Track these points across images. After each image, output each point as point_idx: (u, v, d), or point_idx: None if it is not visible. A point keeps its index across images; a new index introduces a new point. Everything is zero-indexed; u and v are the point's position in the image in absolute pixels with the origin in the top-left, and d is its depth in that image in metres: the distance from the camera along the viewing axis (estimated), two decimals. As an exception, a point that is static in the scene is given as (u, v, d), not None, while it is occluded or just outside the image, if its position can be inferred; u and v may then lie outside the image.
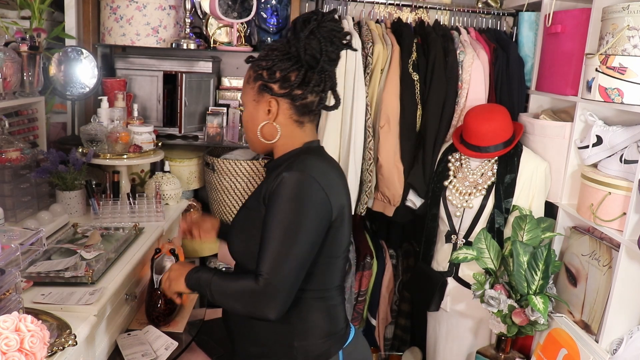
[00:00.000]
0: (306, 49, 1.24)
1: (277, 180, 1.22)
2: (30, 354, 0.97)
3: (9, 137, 1.87)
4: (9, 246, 1.12)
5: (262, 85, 1.29)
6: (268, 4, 2.45)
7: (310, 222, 1.21)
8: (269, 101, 1.30)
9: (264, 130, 1.32)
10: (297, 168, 1.23)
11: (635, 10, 1.67)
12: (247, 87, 1.34)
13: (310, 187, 1.21)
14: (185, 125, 2.55)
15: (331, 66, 1.30)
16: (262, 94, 1.30)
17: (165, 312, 1.67)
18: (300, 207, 1.20)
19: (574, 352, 1.82)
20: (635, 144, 1.77)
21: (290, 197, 1.20)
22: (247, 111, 1.35)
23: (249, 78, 1.34)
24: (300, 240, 1.20)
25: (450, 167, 2.20)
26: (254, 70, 1.31)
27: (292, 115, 1.31)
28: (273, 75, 1.28)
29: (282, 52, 1.27)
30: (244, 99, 1.36)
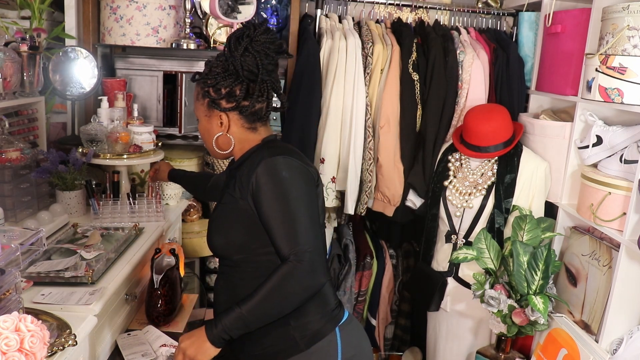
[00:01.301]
0: (243, 65, 1.30)
1: (252, 175, 1.28)
2: (30, 354, 0.97)
3: (9, 137, 1.87)
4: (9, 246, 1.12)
5: (210, 102, 1.36)
6: (268, 4, 2.45)
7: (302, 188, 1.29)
8: (219, 115, 1.37)
9: (219, 141, 1.40)
10: (267, 155, 1.29)
11: (635, 10, 1.67)
12: (197, 103, 1.41)
13: (285, 162, 1.29)
14: (185, 125, 2.55)
15: (270, 76, 1.35)
16: (212, 109, 1.37)
17: (165, 312, 1.67)
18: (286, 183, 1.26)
19: (574, 352, 1.82)
20: (635, 144, 1.77)
21: (273, 181, 1.26)
22: (201, 125, 1.43)
23: (197, 95, 1.40)
24: (301, 206, 1.26)
25: (450, 167, 2.20)
26: (201, 87, 1.37)
27: (243, 124, 1.38)
28: (219, 91, 1.34)
29: (222, 69, 1.33)
30: (196, 113, 1.43)
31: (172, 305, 1.70)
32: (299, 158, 1.35)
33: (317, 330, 1.33)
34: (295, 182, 1.28)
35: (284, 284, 1.22)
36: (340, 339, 1.35)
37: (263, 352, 1.35)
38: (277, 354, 1.33)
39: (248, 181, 1.29)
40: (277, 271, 1.23)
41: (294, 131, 2.30)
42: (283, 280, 1.22)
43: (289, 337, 1.32)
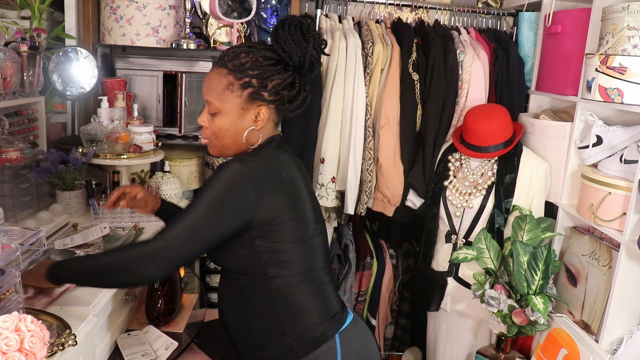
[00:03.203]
0: (292, 55, 1.25)
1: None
2: (30, 354, 0.97)
3: (9, 137, 1.87)
4: (9, 246, 1.12)
5: (254, 92, 1.26)
6: (268, 4, 2.45)
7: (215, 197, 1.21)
8: (259, 108, 1.28)
9: (249, 136, 1.31)
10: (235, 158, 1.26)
11: (635, 10, 1.67)
12: (230, 95, 1.27)
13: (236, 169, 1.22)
14: (185, 125, 2.55)
15: (312, 72, 1.31)
16: (252, 102, 1.28)
17: (165, 312, 1.67)
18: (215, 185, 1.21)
19: (574, 352, 1.82)
20: (635, 144, 1.77)
21: (212, 177, 1.22)
22: (227, 118, 1.29)
23: (230, 85, 1.26)
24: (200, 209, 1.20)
25: (450, 167, 2.20)
26: (238, 77, 1.26)
27: (274, 118, 1.33)
28: (264, 82, 1.26)
29: (268, 58, 1.26)
30: (222, 107, 1.28)
31: (172, 305, 1.70)
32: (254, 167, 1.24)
33: (316, 337, 1.30)
34: (224, 190, 1.20)
35: (132, 255, 1.19)
36: (339, 345, 1.31)
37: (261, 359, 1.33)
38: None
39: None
40: (137, 245, 1.21)
41: (293, 131, 2.30)
42: (134, 250, 1.20)
43: (286, 344, 1.30)
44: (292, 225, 1.28)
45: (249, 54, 1.26)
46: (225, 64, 1.27)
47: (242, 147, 1.32)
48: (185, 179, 2.64)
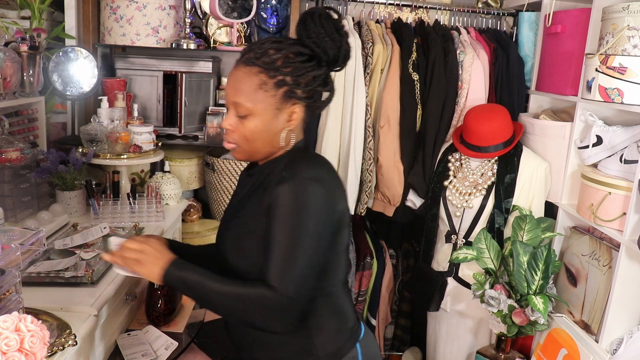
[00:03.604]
0: (327, 50, 1.17)
1: (276, 191, 1.14)
2: (30, 354, 0.97)
3: (9, 137, 1.87)
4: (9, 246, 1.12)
5: (289, 91, 1.17)
6: (268, 4, 2.45)
7: (316, 229, 1.14)
8: (294, 107, 1.20)
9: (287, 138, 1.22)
10: (301, 173, 1.16)
11: (635, 10, 1.67)
12: (264, 95, 1.17)
13: (310, 196, 1.14)
14: (185, 125, 2.55)
15: (342, 67, 1.24)
16: (287, 100, 1.19)
17: (165, 312, 1.67)
18: (305, 217, 1.13)
19: (574, 352, 1.82)
20: (635, 144, 1.77)
21: (302, 209, 1.12)
22: (261, 120, 1.19)
23: (262, 84, 1.17)
24: (307, 249, 1.13)
25: (450, 167, 2.20)
26: (271, 75, 1.16)
27: (304, 118, 1.24)
28: (297, 79, 1.17)
29: (300, 53, 1.17)
30: (255, 107, 1.18)
31: (172, 305, 1.70)
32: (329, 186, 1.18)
33: (340, 347, 1.27)
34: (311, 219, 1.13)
35: (254, 304, 1.11)
36: (361, 354, 1.29)
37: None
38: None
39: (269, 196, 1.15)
40: (259, 286, 1.12)
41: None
42: (257, 299, 1.11)
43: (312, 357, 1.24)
44: (345, 233, 1.26)
45: (279, 50, 1.17)
46: (254, 62, 1.17)
47: (275, 149, 1.23)
48: (185, 179, 2.64)
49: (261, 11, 2.45)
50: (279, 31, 2.51)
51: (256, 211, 1.19)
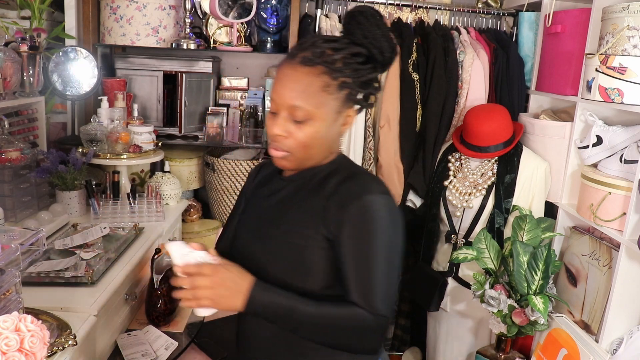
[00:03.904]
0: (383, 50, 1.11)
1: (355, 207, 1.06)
2: (30, 354, 0.97)
3: (9, 137, 1.87)
4: (9, 246, 1.12)
5: (350, 94, 1.10)
6: (268, 4, 2.45)
7: (398, 244, 1.11)
8: (351, 110, 1.13)
9: (334, 142, 1.16)
10: (376, 189, 1.09)
11: (635, 10, 1.66)
12: (328, 97, 1.08)
13: (388, 205, 1.09)
14: (185, 125, 2.55)
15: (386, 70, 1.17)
16: (348, 103, 1.11)
17: (165, 312, 1.68)
18: (391, 233, 1.09)
19: (574, 352, 1.82)
20: (635, 144, 1.77)
21: (386, 223, 1.07)
22: (323, 125, 1.09)
23: (326, 86, 1.07)
24: (396, 266, 1.10)
25: (450, 167, 2.20)
26: (334, 76, 1.07)
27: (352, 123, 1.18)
28: (358, 82, 1.10)
29: (357, 54, 1.10)
30: (318, 111, 1.08)
31: (172, 305, 1.70)
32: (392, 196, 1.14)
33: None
34: (392, 234, 1.09)
35: (352, 326, 1.05)
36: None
37: None
38: None
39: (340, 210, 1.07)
40: (353, 307, 1.05)
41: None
42: (355, 321, 1.05)
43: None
44: None
45: (337, 50, 1.08)
46: (316, 62, 1.07)
47: (324, 156, 1.16)
48: (185, 179, 2.64)
49: (261, 11, 2.45)
50: (279, 31, 2.51)
51: (312, 222, 1.10)
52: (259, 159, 2.61)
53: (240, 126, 2.53)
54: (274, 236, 1.14)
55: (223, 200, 2.59)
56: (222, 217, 2.64)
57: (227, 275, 1.03)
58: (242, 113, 2.57)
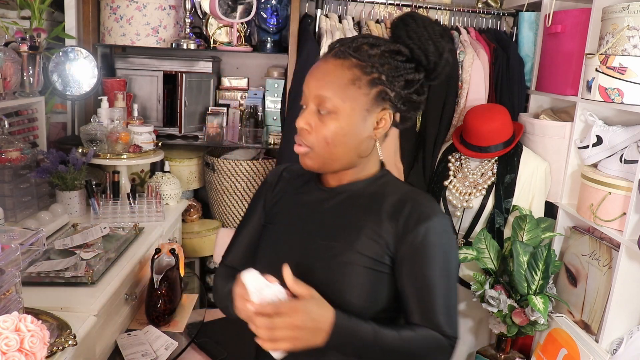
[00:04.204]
0: (436, 54, 1.04)
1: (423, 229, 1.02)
2: (30, 354, 0.97)
3: (9, 137, 1.87)
4: (9, 246, 1.12)
5: (382, 92, 1.03)
6: (268, 4, 2.45)
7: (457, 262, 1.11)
8: (382, 112, 1.05)
9: (363, 145, 1.07)
10: (437, 211, 1.06)
11: (635, 10, 1.67)
12: (356, 92, 1.02)
13: (451, 231, 1.09)
14: (185, 125, 2.55)
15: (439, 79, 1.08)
16: (380, 103, 1.04)
17: (165, 312, 1.68)
18: (454, 253, 1.08)
19: (574, 352, 1.82)
20: (635, 144, 1.77)
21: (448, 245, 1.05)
22: (347, 122, 1.03)
23: (356, 79, 1.02)
24: (456, 285, 1.09)
25: (450, 167, 2.20)
26: (367, 71, 1.02)
27: (387, 129, 1.10)
28: (394, 81, 1.03)
29: (398, 52, 1.04)
30: (344, 105, 1.02)
31: (172, 305, 1.71)
32: None
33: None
34: (454, 254, 1.08)
35: (432, 350, 1.02)
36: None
37: None
38: None
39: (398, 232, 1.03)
40: (429, 331, 1.02)
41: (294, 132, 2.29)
42: (434, 345, 1.02)
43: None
44: None
45: (374, 46, 1.04)
46: (348, 55, 1.03)
47: (355, 160, 1.08)
48: (185, 179, 2.64)
49: (261, 11, 2.45)
50: (279, 31, 2.51)
51: (375, 244, 1.04)
52: (259, 159, 2.61)
53: (240, 126, 2.53)
54: (333, 256, 1.06)
55: (223, 200, 2.59)
56: (222, 217, 2.64)
57: (307, 317, 0.93)
58: (242, 113, 2.57)
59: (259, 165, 2.54)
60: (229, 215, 2.61)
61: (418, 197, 1.08)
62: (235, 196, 2.56)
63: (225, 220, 2.64)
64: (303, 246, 1.10)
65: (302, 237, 1.11)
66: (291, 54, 2.37)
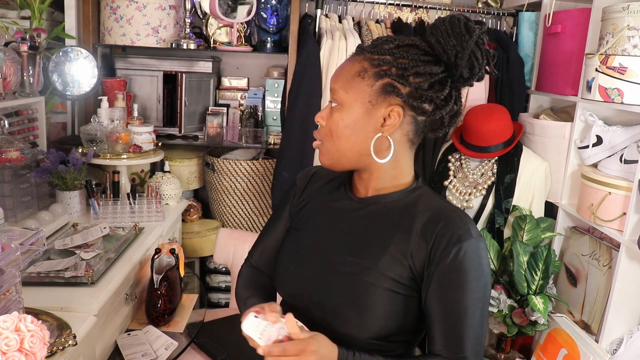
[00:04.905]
0: (456, 48, 0.98)
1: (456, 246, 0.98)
2: (30, 354, 0.97)
3: (9, 137, 1.87)
4: (9, 246, 1.12)
5: (389, 84, 0.99)
6: (268, 4, 2.45)
7: (489, 289, 1.04)
8: (390, 107, 1.00)
9: (376, 143, 1.02)
10: (473, 233, 1.00)
11: (635, 10, 1.67)
12: (360, 83, 1.00)
13: (485, 249, 1.02)
14: (185, 125, 2.55)
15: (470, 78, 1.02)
16: (385, 95, 1.00)
17: (165, 312, 1.67)
18: (487, 279, 1.01)
19: (574, 352, 1.82)
20: (635, 144, 1.77)
21: (483, 271, 1.00)
22: (349, 113, 1.01)
23: (362, 71, 1.00)
24: (487, 311, 1.03)
25: (450, 167, 2.20)
26: (375, 63, 1.00)
27: (409, 132, 1.03)
28: (405, 73, 0.99)
29: (416, 46, 1.00)
30: (347, 96, 1.01)
31: (172, 305, 1.70)
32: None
33: None
34: (488, 280, 1.01)
35: None
36: None
37: None
38: None
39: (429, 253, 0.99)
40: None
41: (294, 132, 2.30)
42: None
43: None
44: None
45: (392, 40, 1.02)
46: (364, 50, 1.03)
47: (364, 158, 1.04)
48: (185, 179, 2.64)
49: (261, 11, 2.45)
50: (279, 31, 2.51)
51: (400, 264, 1.01)
52: (259, 159, 2.61)
53: (240, 126, 2.53)
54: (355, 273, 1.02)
55: (223, 200, 2.59)
56: (222, 217, 2.64)
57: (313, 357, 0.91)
58: (242, 113, 2.57)
59: (259, 165, 2.53)
60: (229, 215, 2.61)
61: (452, 215, 1.02)
62: (235, 196, 2.56)
63: (225, 220, 2.64)
64: (325, 258, 1.07)
65: (325, 248, 1.08)
66: (291, 54, 2.37)
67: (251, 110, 2.59)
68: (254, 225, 2.62)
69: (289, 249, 1.14)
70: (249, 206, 2.58)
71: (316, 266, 1.07)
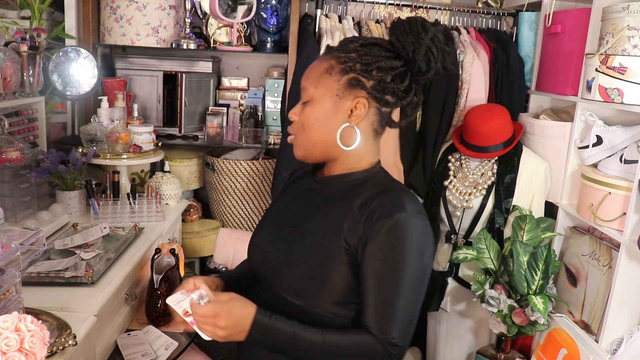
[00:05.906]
0: (414, 44, 1.09)
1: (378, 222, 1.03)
2: (30, 354, 0.97)
3: (9, 137, 1.87)
4: (9, 246, 1.12)
5: (354, 78, 1.09)
6: (268, 4, 2.45)
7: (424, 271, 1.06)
8: (356, 100, 1.10)
9: (344, 134, 1.11)
10: (411, 208, 1.06)
11: (635, 10, 1.67)
12: (328, 79, 1.11)
13: (421, 229, 1.06)
14: (185, 125, 2.55)
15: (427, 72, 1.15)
16: (351, 89, 1.10)
17: (165, 312, 1.67)
18: (421, 259, 1.05)
19: (574, 352, 1.82)
20: (635, 144, 1.77)
21: (417, 247, 1.04)
22: (319, 107, 1.11)
23: (330, 68, 1.11)
24: (421, 293, 1.06)
25: (450, 167, 2.20)
26: (341, 60, 1.10)
27: (374, 122, 1.14)
28: (369, 67, 1.09)
29: (378, 45, 1.11)
30: (316, 92, 1.11)
31: (172, 305, 1.70)
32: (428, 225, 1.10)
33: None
34: (421, 260, 1.05)
35: (361, 354, 1.02)
36: None
37: None
38: None
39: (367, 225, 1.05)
40: (363, 334, 1.03)
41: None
42: (364, 349, 1.02)
43: None
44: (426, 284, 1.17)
45: (358, 40, 1.13)
46: (332, 50, 1.14)
47: (333, 148, 1.13)
48: (185, 179, 2.64)
49: (261, 11, 2.45)
50: (279, 31, 2.51)
51: (334, 233, 1.08)
52: (259, 159, 2.61)
53: (240, 126, 2.53)
54: (294, 240, 1.13)
55: (223, 200, 2.59)
56: (222, 217, 2.64)
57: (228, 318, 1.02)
58: (242, 113, 2.57)
59: (259, 165, 2.53)
60: (229, 215, 2.61)
61: (394, 192, 1.10)
62: (235, 196, 2.56)
63: (225, 220, 2.64)
64: (276, 229, 1.19)
65: (278, 221, 1.20)
66: (291, 54, 2.37)
67: (251, 110, 2.59)
68: (254, 225, 2.63)
69: (259, 224, 1.28)
70: (249, 206, 2.58)
71: (270, 238, 1.19)
